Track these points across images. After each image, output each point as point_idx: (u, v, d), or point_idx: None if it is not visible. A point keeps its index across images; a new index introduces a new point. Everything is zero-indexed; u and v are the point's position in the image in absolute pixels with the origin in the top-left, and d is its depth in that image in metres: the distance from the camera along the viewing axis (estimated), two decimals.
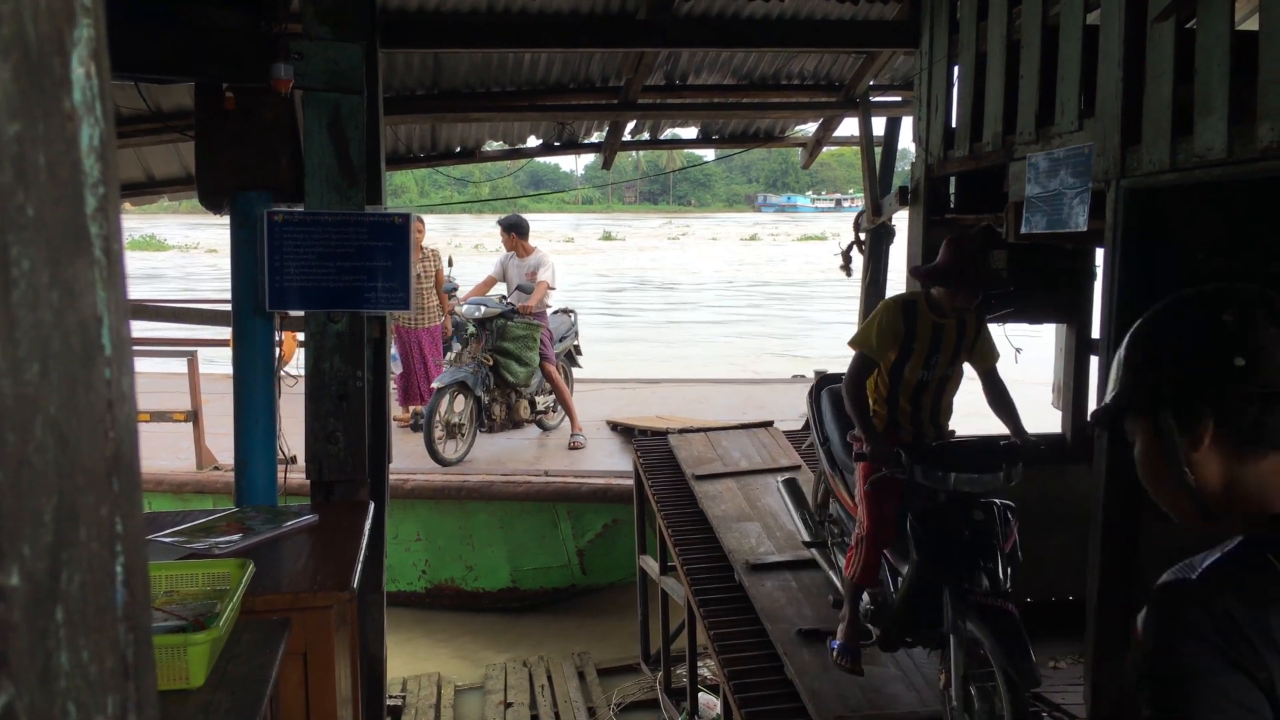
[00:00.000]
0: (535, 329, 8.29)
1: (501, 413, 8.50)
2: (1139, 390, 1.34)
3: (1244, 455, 1.25)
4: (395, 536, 7.31)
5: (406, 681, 6.00)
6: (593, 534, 7.56)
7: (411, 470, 7.60)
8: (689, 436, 6.33)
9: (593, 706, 5.69)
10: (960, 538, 3.57)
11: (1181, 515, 1.34)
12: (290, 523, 2.74)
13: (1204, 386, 1.27)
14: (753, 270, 35.70)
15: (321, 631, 2.29)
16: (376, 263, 3.03)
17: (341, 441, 2.94)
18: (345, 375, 2.96)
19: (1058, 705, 4.59)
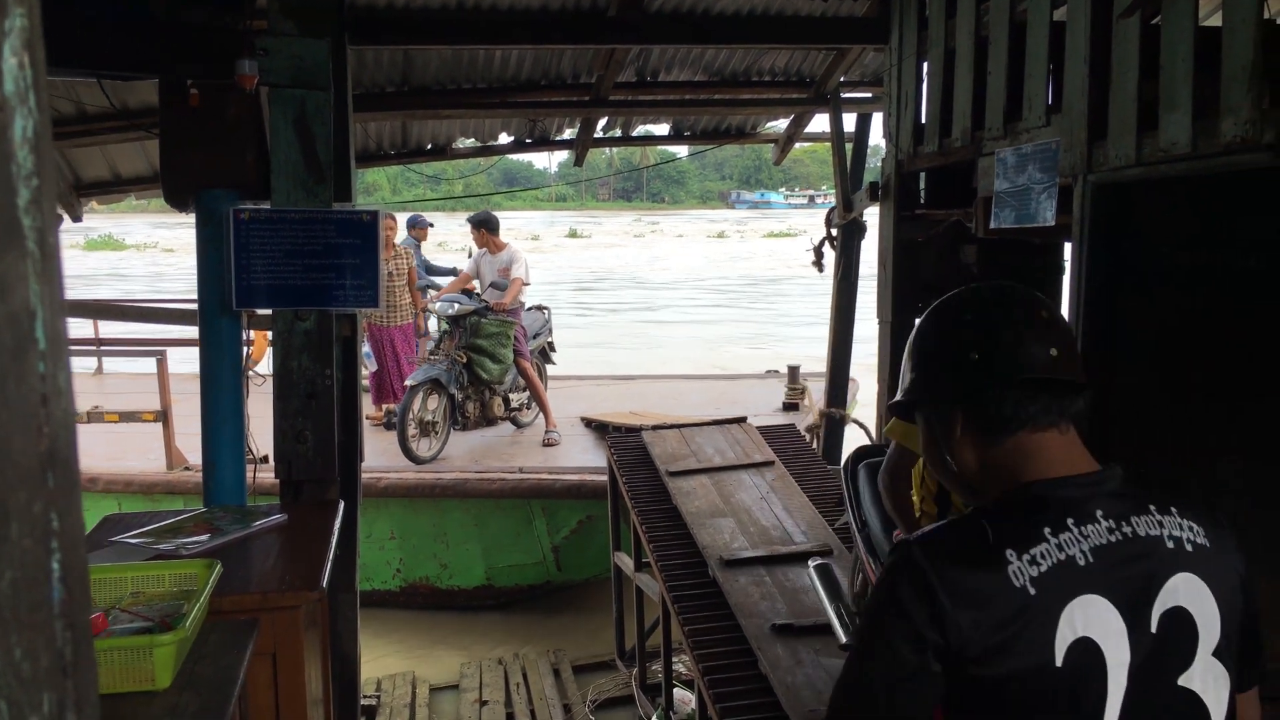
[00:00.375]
0: (509, 326, 8.27)
1: (475, 410, 8.48)
2: (913, 386, 1.47)
3: (991, 439, 1.39)
4: (369, 535, 7.28)
5: (381, 681, 5.97)
6: (568, 530, 7.55)
7: (385, 469, 7.57)
8: (662, 433, 6.33)
9: (568, 703, 5.69)
10: None
11: (957, 493, 1.48)
12: (259, 523, 2.73)
13: (949, 381, 1.42)
14: (718, 267, 35.75)
15: (290, 632, 2.27)
16: (345, 260, 3.02)
17: (310, 441, 2.92)
18: (314, 374, 2.94)
19: None
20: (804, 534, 4.98)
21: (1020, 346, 1.37)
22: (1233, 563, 1.35)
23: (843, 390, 7.95)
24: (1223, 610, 1.31)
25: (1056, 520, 1.29)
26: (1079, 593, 1.25)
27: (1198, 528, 1.34)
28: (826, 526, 5.06)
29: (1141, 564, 1.29)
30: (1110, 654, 1.25)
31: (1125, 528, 1.31)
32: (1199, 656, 1.29)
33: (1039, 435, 1.36)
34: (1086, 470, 1.36)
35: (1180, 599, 1.29)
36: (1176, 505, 1.35)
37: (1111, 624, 1.26)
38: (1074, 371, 1.39)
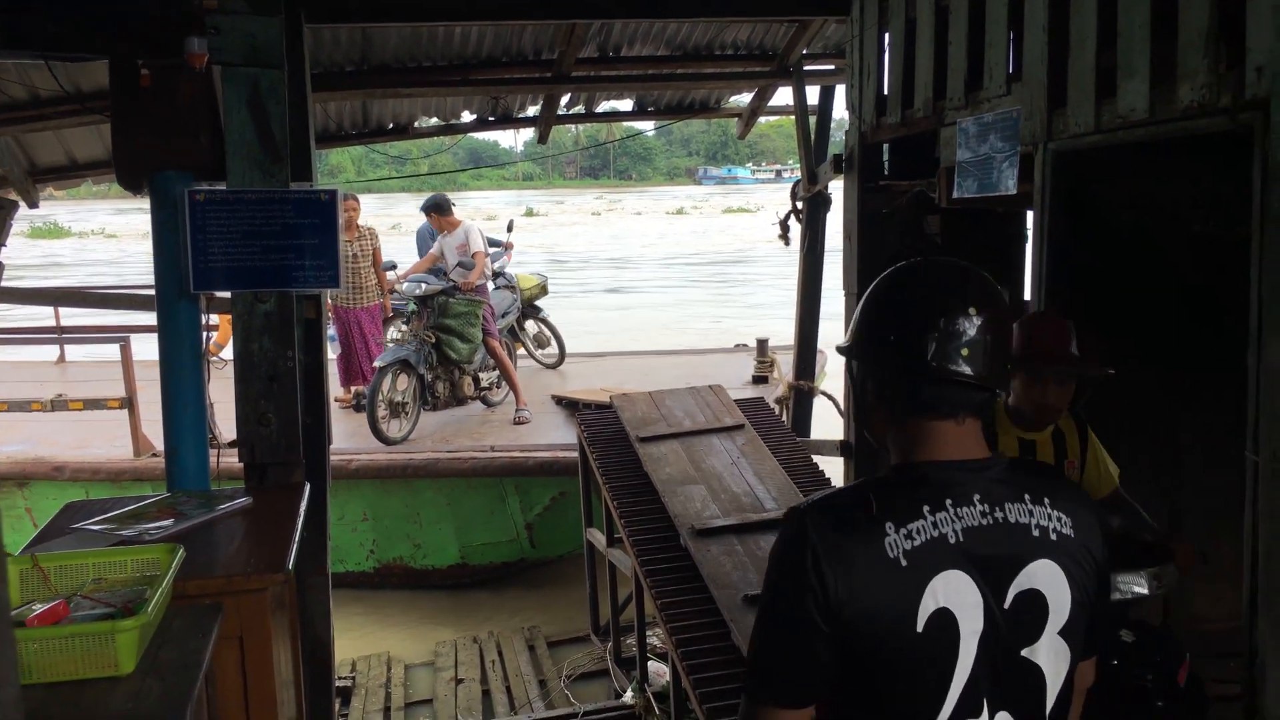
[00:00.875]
0: (477, 305, 8.24)
1: (445, 390, 8.46)
2: (850, 338, 1.57)
3: (893, 415, 1.50)
4: (341, 517, 7.26)
5: (356, 662, 5.97)
6: (541, 507, 7.57)
7: (355, 450, 7.54)
8: (632, 396, 6.33)
9: (544, 678, 5.71)
10: (1107, 673, 2.52)
11: (874, 442, 1.59)
12: (223, 506, 2.71)
13: (871, 351, 1.52)
14: (677, 245, 35.61)
15: (256, 614, 2.27)
16: (304, 241, 2.99)
17: (274, 423, 2.90)
18: (275, 356, 2.92)
19: None
20: (775, 500, 5.01)
21: (933, 340, 1.44)
22: (1093, 552, 1.48)
23: (811, 363, 7.98)
24: (1075, 595, 1.45)
25: (936, 500, 1.41)
26: (945, 568, 1.38)
27: (1066, 519, 1.46)
28: (797, 491, 5.09)
29: (1007, 547, 1.42)
30: (964, 624, 1.38)
31: (998, 513, 1.43)
32: (1046, 634, 1.43)
33: (936, 423, 1.46)
34: (974, 457, 1.46)
35: (1036, 582, 1.42)
36: (1050, 497, 1.47)
37: (969, 597, 1.39)
38: (982, 372, 1.45)
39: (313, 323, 4.00)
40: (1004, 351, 1.49)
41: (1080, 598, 1.46)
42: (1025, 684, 1.44)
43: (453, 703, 5.50)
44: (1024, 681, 1.44)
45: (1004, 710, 1.42)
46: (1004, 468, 1.48)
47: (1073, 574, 1.45)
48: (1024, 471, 1.52)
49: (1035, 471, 1.55)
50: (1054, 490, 1.49)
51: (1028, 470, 1.54)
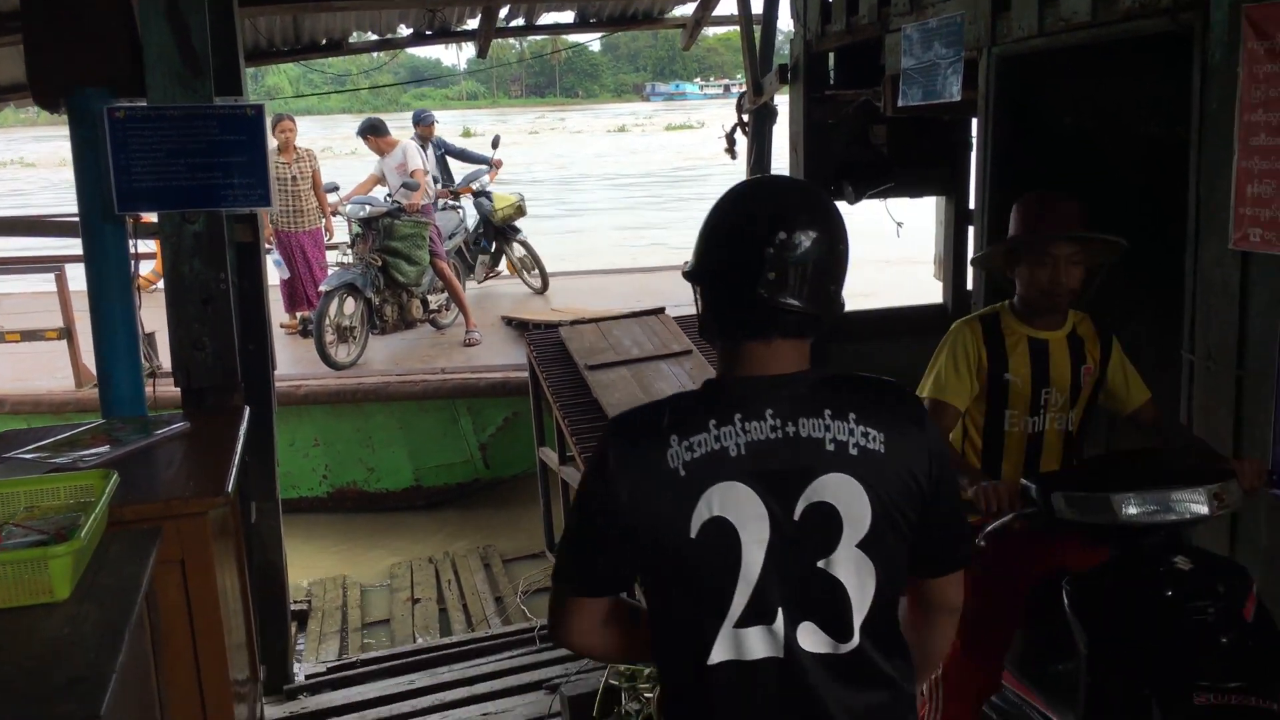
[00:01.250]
0: (423, 226, 8.11)
1: (393, 313, 8.36)
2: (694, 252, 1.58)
3: (714, 335, 1.55)
4: (292, 443, 7.22)
5: (311, 586, 5.99)
6: (494, 428, 7.57)
7: (304, 376, 7.47)
8: (580, 328, 6.31)
9: (500, 595, 5.77)
10: (1160, 606, 2.22)
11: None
12: (160, 432, 2.66)
13: (692, 274, 1.55)
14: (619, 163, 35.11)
15: (197, 539, 2.24)
16: (231, 158, 2.89)
17: (209, 347, 2.85)
18: (207, 278, 2.84)
19: None
20: None
21: (745, 262, 1.46)
22: (914, 470, 1.49)
23: None
24: (878, 510, 1.46)
25: (724, 414, 1.45)
26: (723, 479, 1.44)
27: (875, 434, 1.47)
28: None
29: (795, 460, 1.45)
30: (746, 534, 1.44)
31: (789, 427, 1.45)
32: (842, 546, 1.46)
33: (746, 343, 1.49)
34: (778, 373, 1.48)
35: (827, 495, 1.45)
36: (859, 412, 1.47)
37: (750, 508, 1.44)
38: (788, 296, 1.46)
39: (250, 247, 3.91)
40: (825, 275, 1.48)
41: (886, 513, 1.46)
42: (826, 595, 1.47)
43: (410, 622, 5.54)
44: (824, 593, 1.47)
45: (807, 620, 1.47)
46: (812, 383, 1.48)
47: (875, 489, 1.45)
48: (833, 386, 1.50)
49: (849, 386, 1.51)
50: (866, 405, 1.48)
51: (840, 385, 1.50)
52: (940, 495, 1.52)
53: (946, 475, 1.54)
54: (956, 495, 1.59)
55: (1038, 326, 2.73)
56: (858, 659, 1.49)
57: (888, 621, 1.52)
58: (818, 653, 1.48)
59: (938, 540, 1.55)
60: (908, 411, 1.52)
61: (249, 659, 2.95)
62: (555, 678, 4.35)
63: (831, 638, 1.48)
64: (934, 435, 1.53)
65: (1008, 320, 2.76)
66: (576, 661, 4.50)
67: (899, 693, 1.54)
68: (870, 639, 1.50)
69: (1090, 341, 2.78)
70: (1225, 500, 2.31)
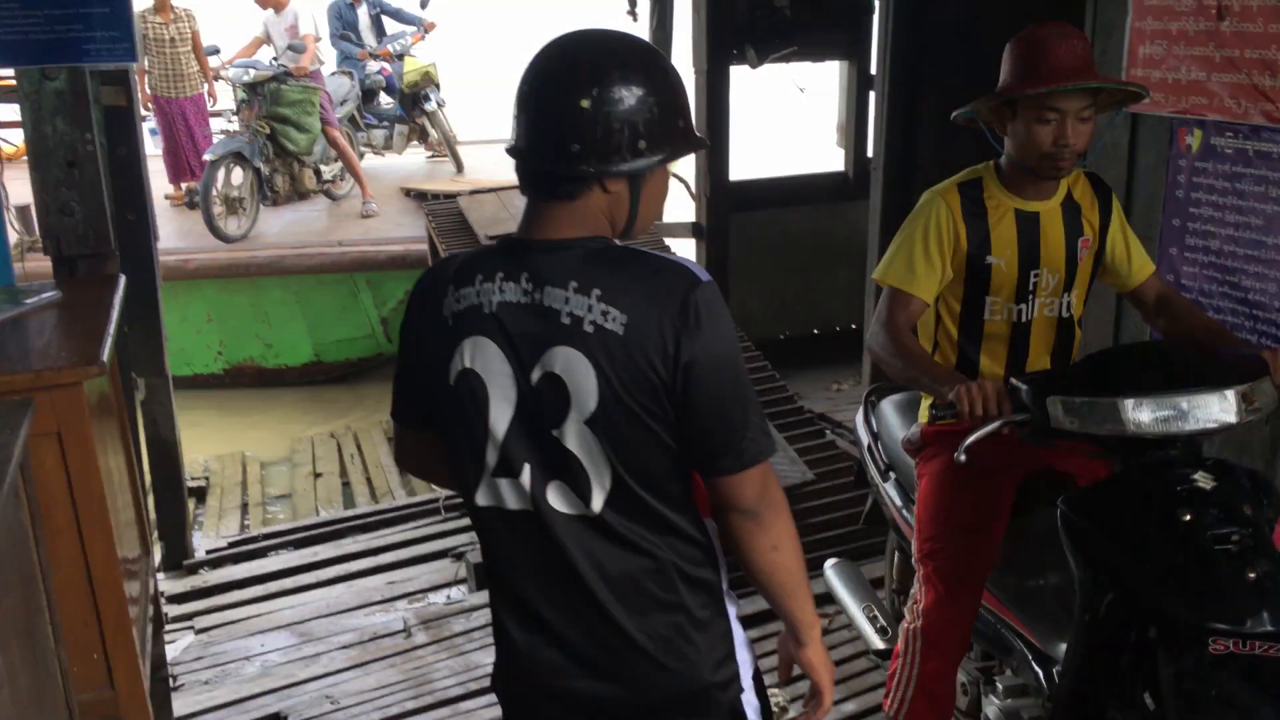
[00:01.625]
0: (313, 92, 7.78)
1: (285, 184, 8.07)
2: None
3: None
4: (183, 319, 7.00)
5: (209, 462, 5.89)
6: (395, 302, 7.43)
7: (193, 249, 7.20)
8: (480, 198, 6.18)
9: None
10: (1173, 531, 1.85)
11: None
12: (31, 301, 2.53)
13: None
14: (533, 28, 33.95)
15: (73, 410, 2.15)
16: (92, 9, 2.69)
17: (78, 213, 2.69)
18: (73, 139, 2.67)
19: (839, 423, 4.94)
20: None
21: (517, 120, 1.49)
22: (652, 361, 1.42)
23: None
24: (605, 391, 1.43)
25: (489, 271, 1.50)
26: (476, 333, 1.49)
27: (616, 315, 1.42)
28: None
29: (536, 328, 1.46)
30: (494, 389, 1.49)
31: (536, 294, 1.46)
32: (571, 421, 1.46)
33: (531, 202, 1.51)
34: (548, 237, 1.48)
35: (556, 367, 1.45)
36: (605, 289, 1.43)
37: (496, 365, 1.49)
38: (537, 154, 1.46)
39: (123, 111, 3.70)
40: (566, 135, 1.43)
41: (617, 397, 1.43)
42: (562, 462, 1.48)
43: (312, 496, 5.51)
44: (561, 459, 1.48)
45: (557, 480, 1.50)
46: (581, 253, 1.46)
47: (604, 370, 1.42)
48: (599, 260, 1.46)
49: (616, 263, 1.47)
50: (619, 285, 1.44)
51: (606, 260, 1.47)
52: (697, 392, 1.44)
53: (714, 376, 1.45)
54: (734, 396, 1.47)
55: (1028, 196, 2.28)
56: (605, 525, 1.50)
57: (640, 501, 1.50)
58: (567, 512, 1.50)
59: (702, 440, 1.48)
60: (672, 301, 1.43)
61: (140, 535, 2.89)
62: (461, 546, 4.39)
63: (580, 500, 1.50)
64: (706, 332, 1.44)
65: (991, 189, 2.29)
66: None
67: (663, 566, 1.53)
68: (618, 513, 1.50)
69: (1088, 206, 2.33)
70: (1255, 403, 1.90)
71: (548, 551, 1.53)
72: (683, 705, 1.57)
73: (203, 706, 3.36)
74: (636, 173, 1.48)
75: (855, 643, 3.52)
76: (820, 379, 5.58)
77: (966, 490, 2.30)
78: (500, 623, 1.63)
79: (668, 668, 1.55)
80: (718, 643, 1.58)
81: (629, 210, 1.52)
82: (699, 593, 1.56)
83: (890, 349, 2.21)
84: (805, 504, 4.16)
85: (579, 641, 1.56)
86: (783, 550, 1.53)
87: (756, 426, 1.49)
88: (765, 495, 1.51)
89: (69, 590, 2.20)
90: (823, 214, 6.01)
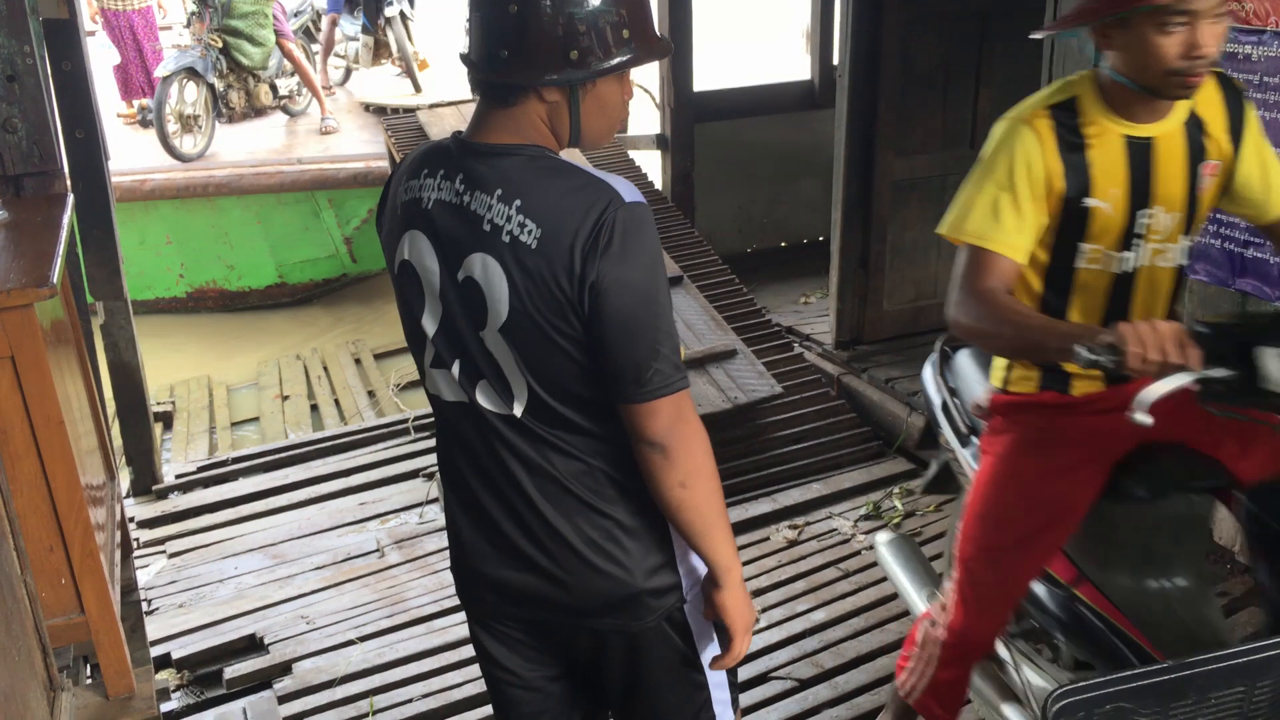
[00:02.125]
0: (265, 3, 7.56)
1: (240, 100, 7.88)
2: None
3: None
4: (142, 241, 6.88)
5: (174, 387, 5.82)
6: (358, 220, 7.33)
7: (149, 169, 7.04)
8: (439, 111, 6.04)
9: (372, 389, 5.72)
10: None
11: None
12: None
13: None
14: None
15: (25, 333, 2.10)
16: None
17: (21, 129, 2.59)
18: (11, 52, 2.56)
19: (808, 335, 4.94)
20: None
21: (468, 23, 1.52)
22: (556, 275, 1.40)
23: None
24: (515, 303, 1.43)
25: (434, 168, 1.51)
26: (414, 227, 1.52)
27: (532, 228, 1.41)
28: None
29: (461, 231, 1.47)
30: (426, 284, 1.52)
31: (466, 197, 1.47)
32: (489, 327, 1.47)
33: (479, 107, 1.51)
34: (487, 140, 1.49)
35: (475, 272, 1.46)
36: (525, 200, 1.42)
37: (427, 261, 1.51)
38: (475, 56, 1.48)
39: (66, 24, 3.56)
40: (493, 37, 1.44)
41: (525, 310, 1.43)
42: (486, 363, 1.50)
43: (280, 419, 5.48)
44: (484, 360, 1.50)
45: (483, 379, 1.52)
46: (515, 160, 1.45)
47: (516, 282, 1.42)
48: (521, 170, 1.44)
49: (544, 175, 1.44)
50: (542, 198, 1.42)
51: (528, 169, 1.44)
52: (601, 315, 1.41)
53: (619, 300, 1.40)
54: (640, 324, 1.41)
55: (1139, 118, 1.79)
56: (527, 428, 1.52)
57: (555, 410, 1.50)
58: (494, 410, 1.53)
59: (607, 364, 1.44)
60: (588, 219, 1.40)
61: (104, 460, 2.85)
62: (432, 466, 4.38)
63: (503, 401, 1.52)
64: (617, 254, 1.39)
65: (1091, 110, 1.80)
66: None
67: (591, 470, 1.54)
68: (537, 419, 1.51)
69: (1215, 119, 1.84)
70: None
71: (483, 445, 1.56)
72: (611, 608, 1.59)
73: (178, 629, 3.37)
74: (567, 83, 1.44)
75: (824, 553, 3.58)
76: (788, 292, 5.56)
77: (1039, 485, 1.93)
78: (448, 505, 1.69)
79: (597, 568, 1.56)
80: (651, 550, 1.58)
81: (569, 121, 1.48)
82: (631, 499, 1.56)
83: (990, 318, 1.72)
84: (773, 418, 4.19)
85: (513, 534, 1.59)
86: (691, 488, 1.48)
87: (666, 359, 1.44)
88: (675, 430, 1.45)
89: (33, 515, 2.17)
90: (789, 123, 5.93)
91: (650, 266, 1.43)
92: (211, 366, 6.19)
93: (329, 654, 3.22)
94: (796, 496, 3.91)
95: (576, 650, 1.67)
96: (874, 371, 4.47)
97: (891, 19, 4.30)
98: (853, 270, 4.61)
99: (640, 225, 1.42)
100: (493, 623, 1.70)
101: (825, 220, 4.95)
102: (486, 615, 1.70)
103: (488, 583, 1.65)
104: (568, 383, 1.49)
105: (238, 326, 7.04)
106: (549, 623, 1.65)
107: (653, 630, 1.61)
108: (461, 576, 1.71)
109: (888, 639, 3.09)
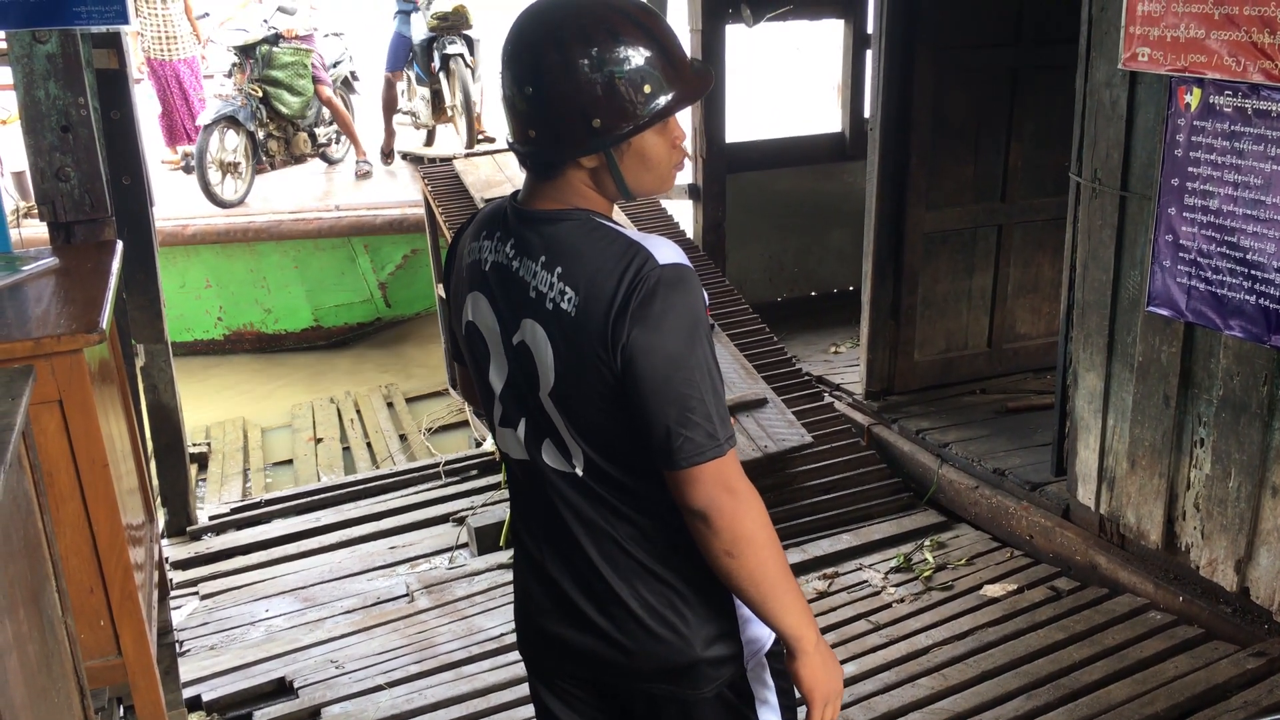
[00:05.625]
0: (305, 54, 7.72)
1: (279, 148, 8.02)
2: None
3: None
4: (182, 285, 7.00)
5: (210, 428, 5.90)
6: (393, 265, 7.43)
7: (191, 215, 7.18)
8: (474, 160, 6.13)
9: (404, 433, 5.77)
10: None
11: None
12: (28, 268, 2.52)
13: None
14: None
15: (74, 377, 2.16)
16: None
17: (74, 178, 2.68)
18: (66, 104, 2.65)
19: (838, 385, 4.94)
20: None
21: (505, 94, 1.48)
22: (593, 342, 1.41)
23: None
24: (559, 367, 1.46)
25: (491, 231, 1.55)
26: (476, 289, 1.55)
27: (572, 295, 1.43)
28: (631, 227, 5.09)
29: (514, 295, 1.49)
30: (491, 345, 1.55)
31: (515, 263, 1.49)
32: (541, 390, 1.49)
33: (527, 174, 1.52)
34: (534, 207, 1.50)
35: (525, 337, 1.49)
36: (566, 268, 1.43)
37: (489, 322, 1.54)
38: (513, 134, 1.48)
39: (117, 74, 3.67)
40: (523, 117, 1.43)
41: (570, 376, 1.44)
42: (550, 425, 1.51)
43: (313, 461, 5.53)
44: (548, 422, 1.51)
45: (547, 438, 1.53)
46: (552, 228, 1.46)
47: (559, 349, 1.44)
48: (563, 237, 1.45)
49: (583, 241, 1.44)
50: (576, 264, 1.42)
51: (570, 236, 1.45)
52: (633, 382, 1.40)
53: (647, 367, 1.38)
54: (667, 393, 1.38)
55: None
56: (588, 487, 1.52)
57: (611, 475, 1.50)
58: (557, 469, 1.54)
59: (643, 430, 1.42)
60: (622, 284, 1.39)
61: (143, 501, 2.90)
62: (462, 510, 4.41)
63: (565, 460, 1.52)
64: (647, 320, 1.38)
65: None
66: (483, 494, 4.57)
67: (648, 534, 1.53)
68: (595, 479, 1.51)
69: None
70: None
71: (546, 502, 1.57)
72: (668, 675, 1.56)
73: (209, 671, 3.39)
74: (596, 151, 1.43)
75: (854, 604, 3.55)
76: (818, 341, 5.57)
77: None
78: (516, 559, 1.71)
79: (655, 634, 1.54)
80: (711, 618, 1.55)
81: (614, 180, 1.48)
82: (690, 565, 1.52)
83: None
84: (803, 467, 4.18)
85: (573, 593, 1.58)
86: (739, 557, 1.42)
87: (699, 426, 1.39)
88: (716, 498, 1.41)
89: (75, 557, 2.21)
90: (820, 174, 5.98)
91: (683, 330, 1.39)
92: (247, 408, 6.27)
93: (358, 699, 3.22)
94: (826, 547, 3.89)
95: (633, 713, 1.66)
96: (904, 422, 4.46)
97: (923, 72, 4.34)
98: (884, 321, 4.62)
99: (674, 287, 1.39)
100: (553, 679, 1.69)
101: (855, 270, 4.97)
102: (547, 671, 1.69)
103: (549, 639, 1.65)
104: (618, 446, 1.48)
105: (273, 369, 7.13)
106: (607, 683, 1.64)
107: (710, 699, 1.58)
108: (524, 631, 1.72)
109: (919, 694, 3.05)
